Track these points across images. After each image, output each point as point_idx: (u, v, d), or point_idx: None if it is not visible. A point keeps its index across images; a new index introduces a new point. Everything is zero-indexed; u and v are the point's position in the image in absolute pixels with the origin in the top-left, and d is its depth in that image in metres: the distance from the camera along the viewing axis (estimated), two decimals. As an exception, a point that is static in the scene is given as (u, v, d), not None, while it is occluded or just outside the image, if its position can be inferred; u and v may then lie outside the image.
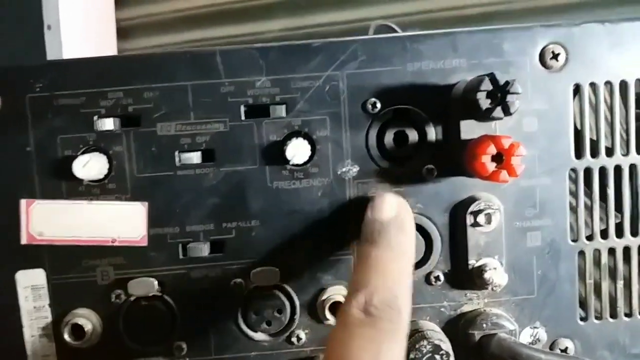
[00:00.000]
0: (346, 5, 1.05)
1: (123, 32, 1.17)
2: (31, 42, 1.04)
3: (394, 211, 0.33)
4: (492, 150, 0.31)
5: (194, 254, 0.36)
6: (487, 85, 0.31)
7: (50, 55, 0.98)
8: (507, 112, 0.31)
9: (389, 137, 0.36)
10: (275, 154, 0.36)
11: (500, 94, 0.31)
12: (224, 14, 1.13)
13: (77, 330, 0.35)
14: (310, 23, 1.08)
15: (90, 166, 0.34)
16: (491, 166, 0.31)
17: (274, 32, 1.09)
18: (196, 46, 1.08)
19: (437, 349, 0.33)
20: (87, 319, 0.36)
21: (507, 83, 0.31)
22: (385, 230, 0.32)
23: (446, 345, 0.33)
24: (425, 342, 0.34)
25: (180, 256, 0.36)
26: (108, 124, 0.35)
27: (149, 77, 0.35)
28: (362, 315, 0.28)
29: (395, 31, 0.63)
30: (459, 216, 0.36)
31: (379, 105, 0.35)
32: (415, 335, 0.34)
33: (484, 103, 0.31)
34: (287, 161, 0.35)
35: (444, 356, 0.33)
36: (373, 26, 0.60)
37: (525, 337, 0.37)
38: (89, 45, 1.09)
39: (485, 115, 0.31)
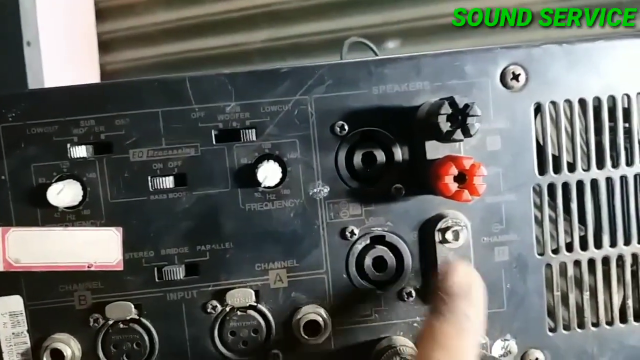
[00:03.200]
0: (328, 15, 1.07)
1: (104, 45, 1.18)
2: (11, 58, 1.04)
3: (465, 283, 0.32)
4: (454, 171, 0.32)
5: (169, 277, 0.36)
6: (446, 109, 0.32)
7: (30, 71, 0.98)
8: (467, 134, 0.32)
9: (357, 158, 0.37)
10: (246, 177, 0.36)
11: (461, 116, 0.32)
12: (205, 26, 1.14)
13: (56, 355, 0.36)
14: (293, 33, 1.10)
15: (64, 193, 0.35)
16: (454, 186, 0.32)
17: (257, 44, 1.10)
18: (177, 58, 1.08)
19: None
20: (65, 343, 0.36)
21: (466, 106, 0.32)
22: (453, 305, 0.31)
23: None
24: (398, 358, 0.34)
25: (156, 279, 0.37)
26: (81, 151, 0.36)
27: (120, 104, 0.36)
28: None
29: (370, 47, 0.64)
30: (427, 233, 0.37)
31: (346, 127, 0.36)
32: (388, 352, 0.35)
33: (445, 126, 0.32)
34: (259, 183, 0.36)
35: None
36: (347, 43, 0.61)
37: (496, 349, 0.38)
38: (71, 60, 1.10)
39: (446, 138, 0.32)
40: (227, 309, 0.37)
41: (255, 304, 0.37)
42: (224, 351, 0.37)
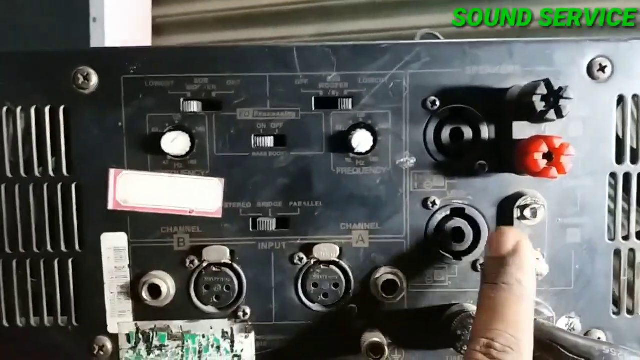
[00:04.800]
0: (377, 14, 1.08)
1: (157, 29, 1.22)
2: (78, 32, 1.10)
3: (513, 248, 0.33)
4: (544, 148, 0.34)
5: (262, 228, 0.40)
6: (542, 90, 0.34)
7: (94, 46, 1.03)
8: (559, 114, 0.34)
9: (445, 133, 0.39)
10: (339, 143, 0.39)
11: (554, 98, 0.34)
12: (256, 17, 1.17)
13: (153, 290, 0.39)
14: (341, 30, 1.12)
15: (177, 142, 0.38)
16: (542, 163, 0.35)
17: (304, 37, 1.13)
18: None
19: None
20: (162, 280, 0.40)
21: (560, 89, 0.34)
22: (504, 271, 0.32)
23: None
24: (470, 321, 0.37)
25: (250, 229, 0.40)
26: (193, 106, 0.39)
27: (232, 66, 0.39)
28: (485, 358, 0.30)
29: (439, 38, 0.66)
30: (506, 210, 0.39)
31: (438, 103, 0.39)
32: (462, 315, 0.38)
33: (539, 105, 0.34)
34: (350, 149, 0.39)
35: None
36: (419, 34, 0.64)
37: (560, 325, 0.40)
38: (128, 40, 1.15)
39: (539, 117, 0.35)
40: (312, 262, 0.40)
41: (337, 260, 0.40)
42: (305, 300, 0.40)
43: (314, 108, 0.39)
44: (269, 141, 0.40)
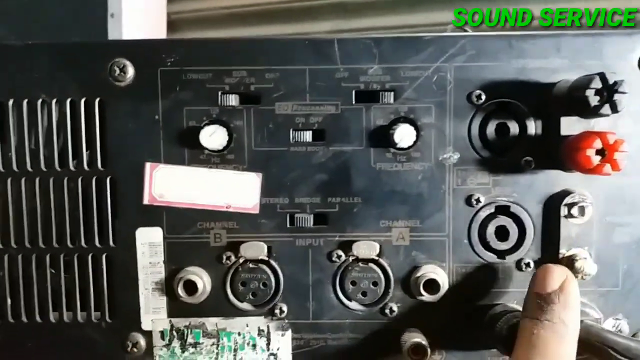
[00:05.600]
0: (396, 11, 1.07)
1: (171, 25, 1.22)
2: (95, 28, 1.10)
3: (558, 285, 0.32)
4: (598, 144, 0.33)
5: (300, 224, 0.39)
6: (597, 84, 0.33)
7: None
8: (614, 109, 0.33)
9: (490, 128, 0.38)
10: (380, 138, 0.38)
11: (608, 92, 0.33)
12: (270, 14, 1.16)
13: (189, 286, 0.39)
14: (356, 26, 1.11)
15: (216, 136, 0.37)
16: (595, 159, 0.33)
17: (320, 34, 1.12)
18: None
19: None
20: (198, 276, 0.39)
21: (615, 83, 0.33)
22: (549, 308, 0.32)
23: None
24: (516, 321, 0.36)
25: (288, 225, 0.39)
26: (231, 100, 0.38)
27: (271, 59, 0.38)
28: None
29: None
30: (552, 207, 0.38)
31: (483, 97, 0.38)
32: (508, 315, 0.36)
33: (593, 100, 0.33)
34: (391, 144, 0.38)
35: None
36: (448, 29, 0.63)
37: (607, 327, 0.39)
38: (144, 35, 1.15)
39: (592, 112, 0.33)
40: (350, 259, 0.39)
41: (376, 258, 0.39)
42: (343, 299, 0.39)
43: (354, 102, 0.38)
44: (308, 136, 0.39)
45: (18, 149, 0.39)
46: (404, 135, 0.37)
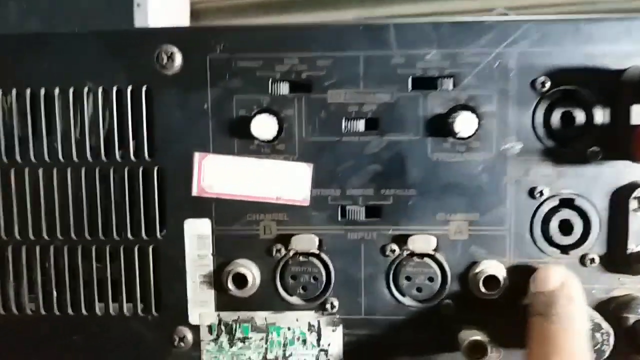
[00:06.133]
0: None
1: (195, 14, 1.21)
2: (122, 17, 1.10)
3: (560, 282, 0.33)
4: (677, 134, 0.31)
5: (352, 217, 0.37)
6: (678, 68, 0.31)
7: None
8: (697, 96, 0.31)
9: (555, 117, 0.36)
10: (437, 127, 0.37)
11: (689, 78, 0.31)
12: (294, 2, 1.14)
13: (238, 279, 0.38)
14: (380, 14, 1.08)
15: (267, 126, 0.36)
16: (673, 149, 0.31)
17: (328, 23, 1.10)
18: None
19: (597, 327, 0.34)
20: (248, 269, 0.38)
21: (698, 67, 0.31)
22: (555, 302, 0.32)
23: (606, 325, 0.34)
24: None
25: (339, 218, 0.38)
26: (282, 88, 0.37)
27: (323, 45, 0.37)
28: None
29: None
30: (621, 200, 0.36)
31: (548, 84, 0.36)
32: (571, 314, 0.35)
33: (672, 86, 0.31)
34: (451, 134, 0.36)
35: (604, 335, 0.33)
36: (495, 12, 0.61)
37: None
38: (169, 23, 1.14)
39: (671, 99, 0.31)
40: (405, 253, 0.38)
41: (433, 253, 0.37)
42: (397, 294, 0.38)
43: (410, 89, 0.37)
44: (361, 125, 0.37)
45: (64, 139, 0.39)
46: (464, 123, 0.35)
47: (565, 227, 0.37)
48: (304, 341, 0.39)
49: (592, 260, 0.37)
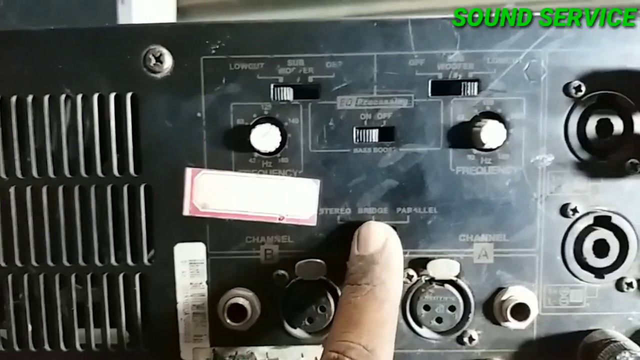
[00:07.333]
0: None
1: (182, 11, 1.17)
2: (105, 14, 1.05)
3: (381, 244, 0.31)
4: None
5: (365, 239, 0.33)
6: None
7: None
8: None
9: (591, 125, 0.33)
10: (461, 136, 0.33)
11: None
12: None
13: (236, 310, 0.33)
14: (375, 11, 1.05)
15: (270, 137, 0.32)
16: None
17: (338, 19, 1.07)
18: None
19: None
20: (247, 299, 0.34)
21: None
22: (369, 271, 0.29)
23: (649, 359, 0.30)
24: (627, 354, 0.30)
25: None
26: (285, 93, 0.33)
27: (332, 45, 0.33)
28: None
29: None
30: (663, 218, 0.32)
31: (583, 88, 0.32)
32: (612, 345, 0.31)
33: None
34: (477, 144, 0.32)
35: (647, 370, 0.30)
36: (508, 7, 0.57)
37: None
38: (154, 21, 1.10)
39: None
40: (423, 279, 0.34)
41: (454, 279, 0.34)
42: (414, 325, 0.34)
43: (430, 94, 0.33)
44: (374, 135, 0.33)
45: (38, 152, 0.34)
46: (491, 133, 0.32)
47: (601, 248, 0.33)
48: (312, 378, 0.35)
49: (630, 285, 0.33)
